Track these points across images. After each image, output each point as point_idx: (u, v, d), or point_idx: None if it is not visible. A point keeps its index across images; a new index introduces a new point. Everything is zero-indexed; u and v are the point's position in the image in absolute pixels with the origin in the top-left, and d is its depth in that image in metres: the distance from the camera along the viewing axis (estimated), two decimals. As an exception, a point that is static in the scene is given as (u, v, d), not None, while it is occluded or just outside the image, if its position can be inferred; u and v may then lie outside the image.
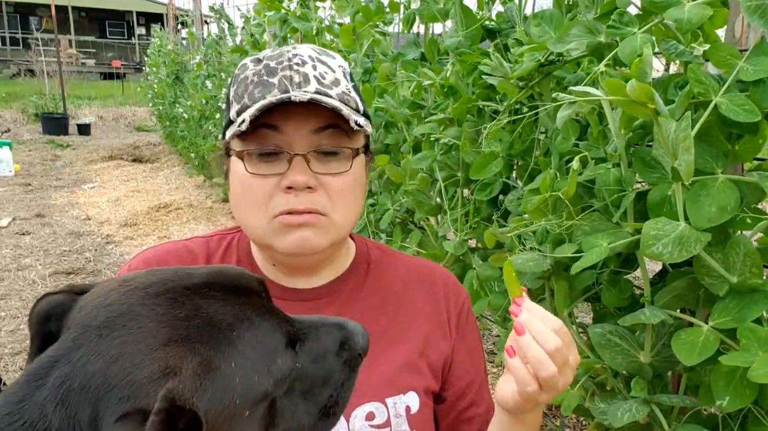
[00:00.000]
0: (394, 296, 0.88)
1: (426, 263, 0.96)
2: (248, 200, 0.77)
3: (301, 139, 0.74)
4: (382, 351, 0.82)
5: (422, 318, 0.87)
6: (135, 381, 0.42)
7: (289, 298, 0.83)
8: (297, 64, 0.75)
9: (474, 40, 1.45)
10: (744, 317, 0.83)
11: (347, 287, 0.87)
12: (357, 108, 0.78)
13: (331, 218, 0.77)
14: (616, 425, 0.95)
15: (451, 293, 0.91)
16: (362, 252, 0.91)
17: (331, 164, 0.76)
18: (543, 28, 1.13)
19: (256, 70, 0.76)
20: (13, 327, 3.22)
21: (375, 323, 0.82)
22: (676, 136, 0.77)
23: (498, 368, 2.78)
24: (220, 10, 5.36)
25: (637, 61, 0.77)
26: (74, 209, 5.67)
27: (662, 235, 0.81)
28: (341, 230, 0.79)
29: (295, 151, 0.74)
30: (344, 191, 0.77)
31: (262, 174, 0.75)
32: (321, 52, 0.79)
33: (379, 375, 0.81)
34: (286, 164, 0.74)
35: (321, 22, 2.44)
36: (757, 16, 0.77)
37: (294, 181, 0.73)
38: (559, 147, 1.16)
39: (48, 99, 11.55)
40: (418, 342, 0.85)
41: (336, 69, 0.78)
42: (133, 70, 25.18)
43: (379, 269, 0.90)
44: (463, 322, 0.91)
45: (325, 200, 0.76)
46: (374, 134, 2.03)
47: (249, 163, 0.75)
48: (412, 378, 0.83)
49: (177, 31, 8.32)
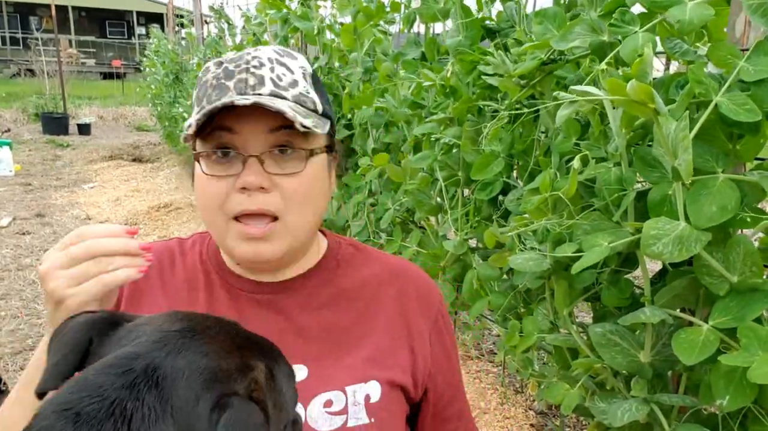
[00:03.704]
0: (364, 294, 0.87)
1: (400, 262, 0.95)
2: (206, 201, 0.78)
3: (256, 139, 0.75)
4: (346, 347, 0.83)
5: (391, 318, 0.87)
6: (224, 370, 0.47)
7: (254, 291, 0.84)
8: (255, 66, 0.76)
9: (474, 39, 1.45)
10: (744, 317, 0.83)
11: (311, 283, 0.86)
12: (315, 108, 0.78)
13: (285, 221, 0.76)
14: (616, 424, 0.95)
15: (425, 294, 0.91)
16: (333, 249, 0.91)
17: (287, 164, 0.76)
18: (545, 26, 1.13)
19: (216, 74, 0.76)
20: (13, 327, 3.22)
21: (339, 320, 0.84)
22: (675, 135, 0.77)
23: (497, 368, 2.78)
24: (219, 10, 5.37)
25: (637, 61, 0.77)
26: (74, 208, 5.67)
27: (662, 234, 0.81)
28: (297, 232, 0.79)
29: (249, 152, 0.75)
30: (298, 192, 0.77)
31: (218, 175, 0.76)
32: (283, 54, 0.80)
33: (342, 368, 0.81)
34: (241, 165, 0.75)
35: (322, 21, 2.44)
36: (759, 14, 0.78)
37: (247, 182, 0.74)
38: (559, 146, 1.16)
39: (48, 99, 11.55)
40: (386, 340, 0.85)
41: (295, 70, 0.79)
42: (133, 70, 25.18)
43: (349, 266, 0.90)
44: (440, 324, 0.91)
45: (278, 202, 0.76)
46: (375, 134, 2.03)
47: (206, 164, 0.76)
48: (375, 369, 0.83)
49: (177, 31, 8.32)
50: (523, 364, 1.52)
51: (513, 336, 1.29)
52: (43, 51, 13.77)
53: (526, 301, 1.39)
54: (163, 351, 0.47)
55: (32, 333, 3.18)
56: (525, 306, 1.40)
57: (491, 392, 2.60)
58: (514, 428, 2.36)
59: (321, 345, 0.82)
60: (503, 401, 2.53)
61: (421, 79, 1.61)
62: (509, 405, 2.51)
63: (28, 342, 3.07)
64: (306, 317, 0.84)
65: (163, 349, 0.47)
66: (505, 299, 1.41)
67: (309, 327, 0.83)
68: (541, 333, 1.23)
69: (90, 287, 0.66)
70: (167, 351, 0.47)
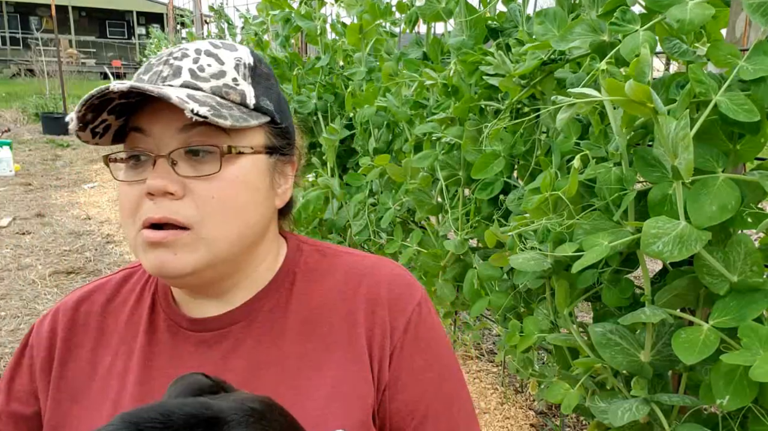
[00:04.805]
0: (324, 310, 0.74)
1: (372, 263, 0.79)
2: (121, 210, 0.68)
3: (169, 139, 0.65)
4: (304, 381, 0.71)
5: (353, 333, 0.73)
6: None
7: (201, 329, 0.73)
8: (176, 58, 0.67)
9: (478, 39, 1.45)
10: (744, 317, 0.83)
11: (266, 307, 0.74)
12: (242, 102, 0.68)
13: (197, 233, 0.64)
14: (616, 424, 0.95)
15: (394, 301, 0.75)
16: (291, 259, 0.78)
17: (202, 166, 0.65)
18: (546, 26, 1.13)
19: (142, 68, 0.69)
20: (13, 327, 3.22)
21: (296, 347, 0.72)
22: (675, 134, 0.77)
23: (498, 368, 2.79)
24: (219, 10, 5.37)
25: (635, 61, 0.78)
26: (74, 208, 5.67)
27: (663, 233, 0.81)
28: (214, 247, 0.66)
29: (160, 152, 0.65)
30: (215, 198, 0.65)
31: (129, 181, 0.66)
32: (221, 46, 0.71)
33: (302, 414, 0.67)
34: (151, 168, 0.65)
35: (324, 20, 2.44)
36: (759, 14, 0.78)
37: (151, 185, 0.63)
38: (560, 146, 1.16)
39: (48, 99, 11.56)
40: (347, 363, 0.72)
41: (227, 61, 0.68)
42: (133, 70, 25.18)
43: (310, 277, 0.77)
44: (410, 338, 0.74)
45: (190, 210, 0.64)
46: (376, 134, 2.03)
47: (117, 170, 0.68)
48: (340, 413, 0.70)
49: (177, 31, 8.32)
50: (523, 364, 1.52)
51: (513, 335, 1.29)
52: (43, 51, 13.78)
53: (527, 301, 1.39)
54: (230, 413, 0.50)
55: (32, 332, 3.17)
56: (525, 306, 1.41)
57: (491, 392, 2.60)
58: (514, 428, 2.36)
59: (275, 383, 0.71)
60: (503, 401, 2.54)
61: (423, 78, 1.62)
62: (509, 405, 2.51)
63: (29, 341, 3.07)
64: (258, 352, 0.72)
65: (232, 413, 0.50)
66: (506, 298, 1.41)
67: (262, 362, 0.71)
68: (542, 333, 1.23)
69: None
70: (236, 417, 0.50)
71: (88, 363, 0.75)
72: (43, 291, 3.70)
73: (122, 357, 0.74)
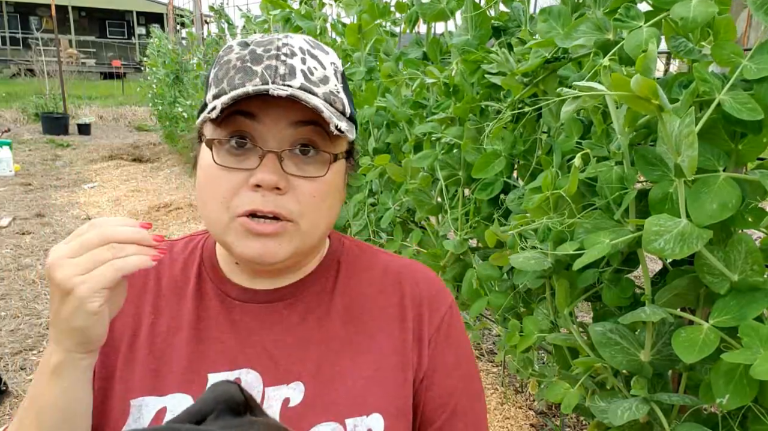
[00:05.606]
0: (366, 300, 0.80)
1: (409, 263, 0.86)
2: (212, 193, 0.70)
3: (277, 132, 0.68)
4: (347, 362, 0.76)
5: (395, 325, 0.79)
6: None
7: (249, 300, 0.78)
8: (285, 54, 0.69)
9: (483, 39, 1.45)
10: (744, 316, 0.83)
11: (312, 289, 0.80)
12: (343, 111, 0.72)
13: (298, 225, 0.70)
14: (616, 424, 0.95)
15: (431, 300, 0.82)
16: (335, 251, 0.84)
17: (307, 166, 0.70)
18: (550, 23, 1.13)
19: (241, 55, 0.69)
20: (13, 327, 3.22)
21: (340, 329, 0.77)
22: (680, 132, 0.77)
23: (498, 368, 2.78)
24: (220, 9, 5.37)
25: (641, 57, 0.77)
26: (74, 208, 5.67)
27: (664, 231, 0.81)
28: (307, 238, 0.72)
29: (269, 147, 0.68)
30: (316, 197, 0.70)
31: (230, 167, 0.68)
32: (314, 45, 0.73)
33: (343, 392, 0.74)
34: (257, 160, 0.68)
35: (324, 20, 2.44)
36: (763, 12, 0.78)
37: (262, 179, 0.67)
38: (562, 145, 1.16)
39: (48, 99, 11.56)
40: (389, 351, 0.77)
41: (327, 66, 0.72)
42: (133, 70, 25.20)
43: (352, 269, 0.83)
44: (443, 335, 0.81)
45: (293, 205, 0.69)
46: (375, 133, 2.03)
47: (217, 153, 0.69)
48: (379, 396, 0.75)
49: (177, 31, 8.32)
50: (523, 364, 1.52)
51: (513, 335, 1.29)
52: (43, 51, 13.78)
53: (526, 301, 1.39)
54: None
55: (32, 333, 3.17)
56: (525, 306, 1.41)
57: (491, 392, 2.60)
58: (514, 428, 2.35)
59: (319, 360, 0.75)
60: (503, 401, 2.53)
61: (424, 77, 1.62)
62: (509, 405, 2.51)
63: (28, 341, 3.07)
64: (303, 329, 0.77)
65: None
66: (505, 298, 1.41)
67: (306, 339, 0.76)
68: (542, 333, 1.23)
69: (101, 273, 0.61)
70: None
71: (132, 318, 0.77)
72: (43, 291, 3.70)
73: (166, 317, 0.77)
